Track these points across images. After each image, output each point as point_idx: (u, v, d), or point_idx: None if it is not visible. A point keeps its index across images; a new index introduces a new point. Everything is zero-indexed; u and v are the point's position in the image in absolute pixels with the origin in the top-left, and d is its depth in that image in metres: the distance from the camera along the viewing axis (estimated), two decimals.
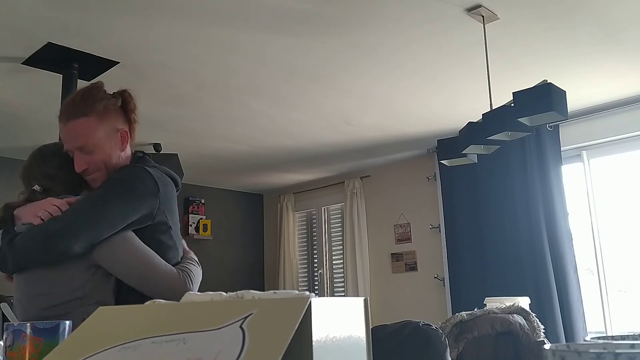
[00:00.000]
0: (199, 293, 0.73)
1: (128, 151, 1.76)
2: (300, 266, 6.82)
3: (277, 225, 6.99)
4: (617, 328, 4.37)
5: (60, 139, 1.75)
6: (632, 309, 4.34)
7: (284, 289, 4.49)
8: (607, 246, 4.51)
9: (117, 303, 1.62)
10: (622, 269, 4.43)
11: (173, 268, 1.63)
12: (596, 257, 4.54)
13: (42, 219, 1.57)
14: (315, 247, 6.76)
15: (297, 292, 0.66)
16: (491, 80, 3.28)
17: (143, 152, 1.82)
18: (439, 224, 5.48)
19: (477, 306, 3.20)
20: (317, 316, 0.59)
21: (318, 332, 0.59)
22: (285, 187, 7.00)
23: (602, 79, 4.01)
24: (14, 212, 1.65)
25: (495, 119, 2.71)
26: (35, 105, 4.11)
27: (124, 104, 1.73)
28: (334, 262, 6.53)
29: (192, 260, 1.74)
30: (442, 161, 3.39)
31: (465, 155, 3.12)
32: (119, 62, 3.46)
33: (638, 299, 4.33)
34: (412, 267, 5.75)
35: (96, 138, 1.63)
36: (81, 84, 3.46)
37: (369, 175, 6.24)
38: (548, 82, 2.47)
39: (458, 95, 4.20)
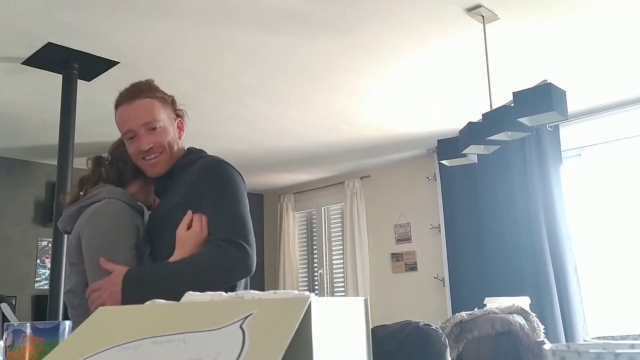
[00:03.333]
0: (198, 293, 0.73)
1: (181, 142, 1.83)
2: (300, 266, 6.82)
3: (277, 225, 6.99)
4: (617, 328, 4.37)
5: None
6: (632, 309, 4.33)
7: (284, 289, 4.49)
8: (607, 246, 4.51)
9: None
10: (622, 268, 4.43)
11: None
12: (596, 258, 4.53)
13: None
14: (315, 247, 6.76)
15: (297, 292, 0.66)
16: (491, 80, 3.28)
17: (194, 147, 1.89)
18: (439, 224, 5.48)
19: (477, 306, 3.20)
20: (317, 316, 0.59)
21: (318, 332, 0.59)
22: (285, 187, 7.00)
23: (601, 79, 4.01)
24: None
25: (495, 119, 2.71)
26: (35, 105, 4.10)
27: (173, 104, 1.82)
28: (334, 262, 6.53)
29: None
30: (442, 161, 3.39)
31: (465, 155, 3.12)
32: (119, 62, 3.45)
33: (638, 299, 4.32)
34: (412, 267, 5.75)
35: (161, 117, 1.71)
36: (81, 84, 3.47)
37: (369, 175, 6.24)
38: (548, 82, 2.47)
39: (458, 95, 4.20)
